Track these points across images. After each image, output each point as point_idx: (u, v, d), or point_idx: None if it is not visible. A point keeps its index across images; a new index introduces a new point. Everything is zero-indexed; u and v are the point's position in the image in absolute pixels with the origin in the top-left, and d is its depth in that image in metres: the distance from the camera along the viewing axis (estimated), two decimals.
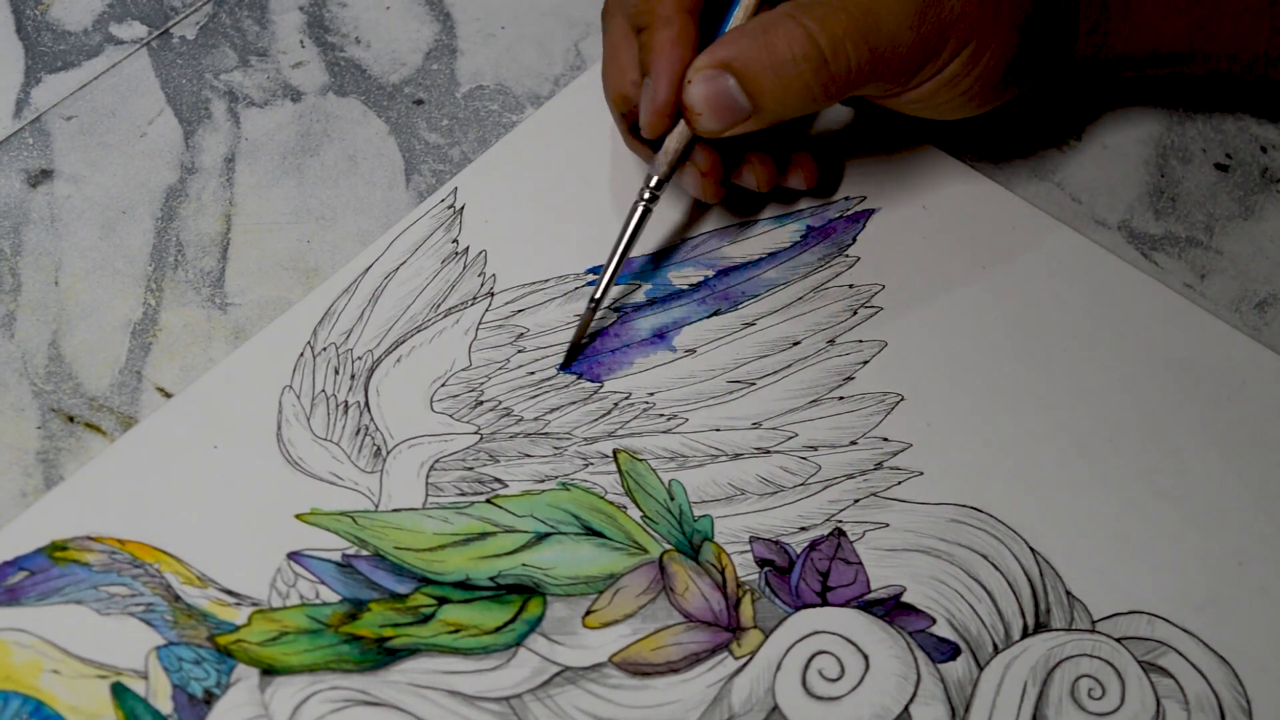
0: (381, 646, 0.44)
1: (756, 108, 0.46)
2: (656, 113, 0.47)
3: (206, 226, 0.53)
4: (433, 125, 0.56)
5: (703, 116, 0.46)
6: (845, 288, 0.52)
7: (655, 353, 0.50)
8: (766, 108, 0.46)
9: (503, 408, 0.49)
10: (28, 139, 0.55)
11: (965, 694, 0.44)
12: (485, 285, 0.52)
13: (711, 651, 0.45)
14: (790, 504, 0.47)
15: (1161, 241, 0.53)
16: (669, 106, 0.47)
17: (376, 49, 0.58)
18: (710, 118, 0.46)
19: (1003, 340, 0.51)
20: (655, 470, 0.48)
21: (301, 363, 0.50)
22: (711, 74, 0.46)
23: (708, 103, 0.46)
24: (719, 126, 0.46)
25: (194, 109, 0.56)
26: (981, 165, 0.55)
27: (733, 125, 0.46)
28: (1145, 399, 0.50)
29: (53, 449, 0.48)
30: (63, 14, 0.58)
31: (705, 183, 0.49)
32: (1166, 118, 0.56)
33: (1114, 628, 0.45)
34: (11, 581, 0.45)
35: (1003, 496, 0.48)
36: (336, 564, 0.46)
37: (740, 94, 0.46)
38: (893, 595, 0.46)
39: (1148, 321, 0.51)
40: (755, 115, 0.46)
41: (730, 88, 0.46)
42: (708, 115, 0.46)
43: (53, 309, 0.51)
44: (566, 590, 0.45)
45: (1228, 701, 0.44)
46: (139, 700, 0.43)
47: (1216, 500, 0.48)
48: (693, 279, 0.52)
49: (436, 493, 0.47)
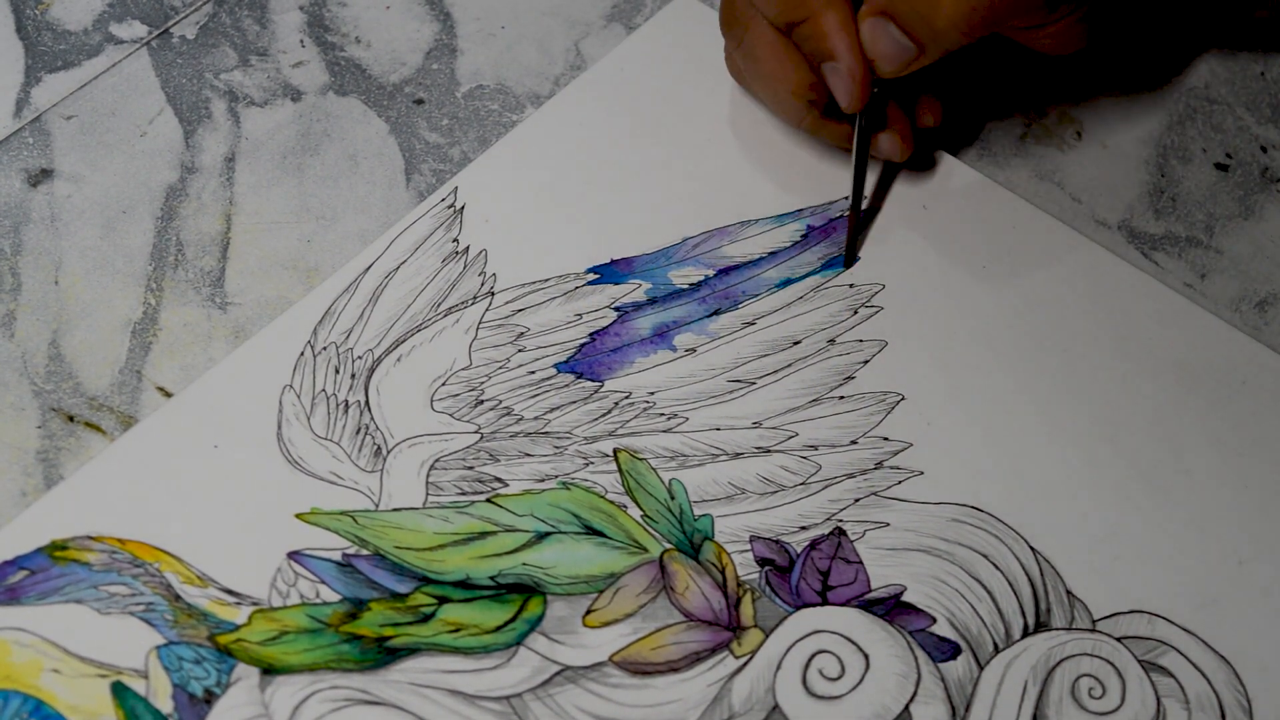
0: (382, 646, 0.44)
1: (920, 46, 0.48)
2: (858, 86, 0.50)
3: (206, 226, 0.53)
4: (433, 125, 0.56)
5: (879, 61, 0.49)
6: (845, 287, 0.52)
7: (655, 352, 0.50)
8: (928, 46, 0.49)
9: (503, 407, 0.49)
10: (28, 138, 0.55)
11: (966, 693, 0.44)
12: (485, 285, 0.52)
13: (712, 651, 0.45)
14: (790, 503, 0.47)
15: (1161, 241, 0.53)
16: (866, 76, 0.50)
17: (376, 49, 0.58)
18: (885, 61, 0.49)
19: (1003, 340, 0.51)
20: (656, 469, 0.48)
21: (302, 362, 0.50)
22: (873, 22, 0.49)
23: (878, 49, 0.49)
24: (895, 68, 0.49)
25: (194, 108, 0.56)
26: (982, 165, 0.55)
27: (905, 65, 0.49)
28: (1145, 399, 0.50)
29: (53, 448, 0.48)
30: (63, 13, 0.58)
31: (903, 145, 0.53)
32: (1166, 118, 0.56)
33: (1114, 627, 0.45)
34: (12, 581, 0.45)
35: (1003, 496, 0.48)
36: (337, 563, 0.46)
37: (902, 36, 0.48)
38: (893, 594, 0.46)
39: (1148, 321, 0.51)
40: (922, 53, 0.49)
41: (892, 32, 0.48)
42: (881, 60, 0.49)
43: (53, 308, 0.51)
44: (567, 589, 0.45)
45: (1228, 701, 0.44)
46: (139, 699, 0.43)
47: (1216, 500, 0.48)
48: (693, 278, 0.52)
49: (437, 492, 0.47)
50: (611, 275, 0.52)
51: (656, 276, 0.52)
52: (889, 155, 0.53)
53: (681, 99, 0.56)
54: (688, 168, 0.55)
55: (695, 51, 0.57)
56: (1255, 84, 0.57)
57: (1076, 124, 0.56)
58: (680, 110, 0.56)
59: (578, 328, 0.51)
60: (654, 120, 0.56)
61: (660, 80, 0.57)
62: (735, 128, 0.56)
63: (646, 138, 0.55)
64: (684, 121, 0.56)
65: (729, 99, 0.56)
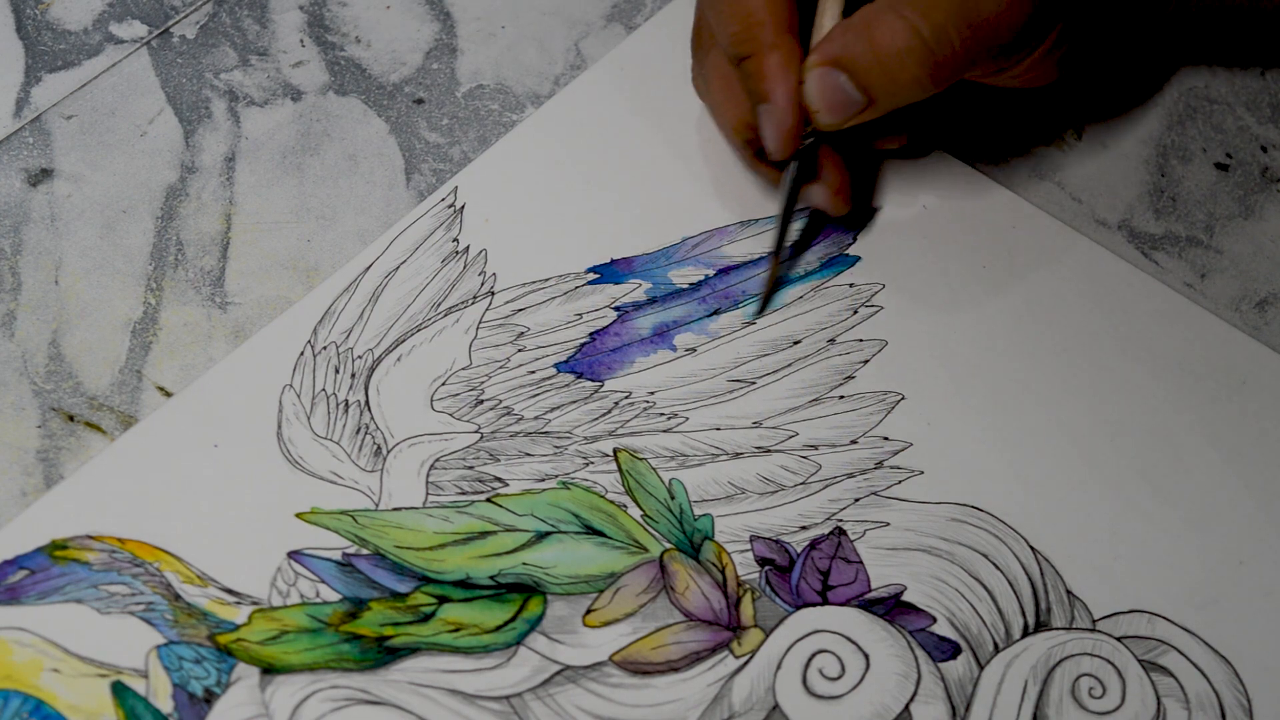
0: (382, 645, 0.44)
1: (870, 100, 0.47)
2: (785, 135, 0.48)
3: (207, 226, 0.53)
4: (433, 125, 0.56)
5: (820, 113, 0.47)
6: (845, 287, 0.52)
7: (655, 352, 0.50)
8: (880, 100, 0.47)
9: (503, 406, 0.49)
10: (28, 138, 0.55)
11: (966, 693, 0.44)
12: (485, 284, 0.52)
13: (712, 650, 0.45)
14: (791, 503, 0.47)
15: (1161, 241, 0.53)
16: (796, 128, 0.48)
17: (377, 48, 0.58)
18: (827, 113, 0.47)
19: (1003, 340, 0.51)
20: (656, 469, 0.48)
21: (302, 362, 0.50)
22: (823, 71, 0.47)
23: (823, 99, 0.47)
24: (837, 120, 0.48)
25: (194, 108, 0.56)
26: (982, 165, 0.55)
27: (850, 118, 0.48)
28: (1145, 399, 0.50)
29: (53, 448, 0.48)
30: (63, 13, 0.58)
31: (835, 200, 0.51)
32: (1166, 118, 0.56)
33: (1114, 627, 0.45)
34: (12, 580, 0.45)
35: (1003, 496, 0.48)
36: (337, 563, 0.46)
37: (853, 88, 0.47)
38: (893, 594, 0.46)
39: (1148, 321, 0.51)
40: (870, 107, 0.47)
41: (843, 83, 0.47)
42: (824, 111, 0.47)
43: (53, 308, 0.51)
44: (567, 589, 0.45)
45: (1228, 700, 0.44)
46: (139, 699, 0.43)
47: (1216, 500, 0.48)
48: (693, 278, 0.52)
49: (437, 491, 0.47)
50: (611, 275, 0.52)
51: (656, 276, 0.52)
52: (822, 208, 0.51)
53: (681, 99, 0.56)
54: (688, 168, 0.55)
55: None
56: (1255, 84, 0.57)
57: (1076, 124, 0.56)
58: (680, 110, 0.56)
59: (578, 327, 0.51)
60: (654, 120, 0.56)
61: (660, 80, 0.57)
62: None
63: (646, 138, 0.55)
64: (684, 121, 0.56)
65: None
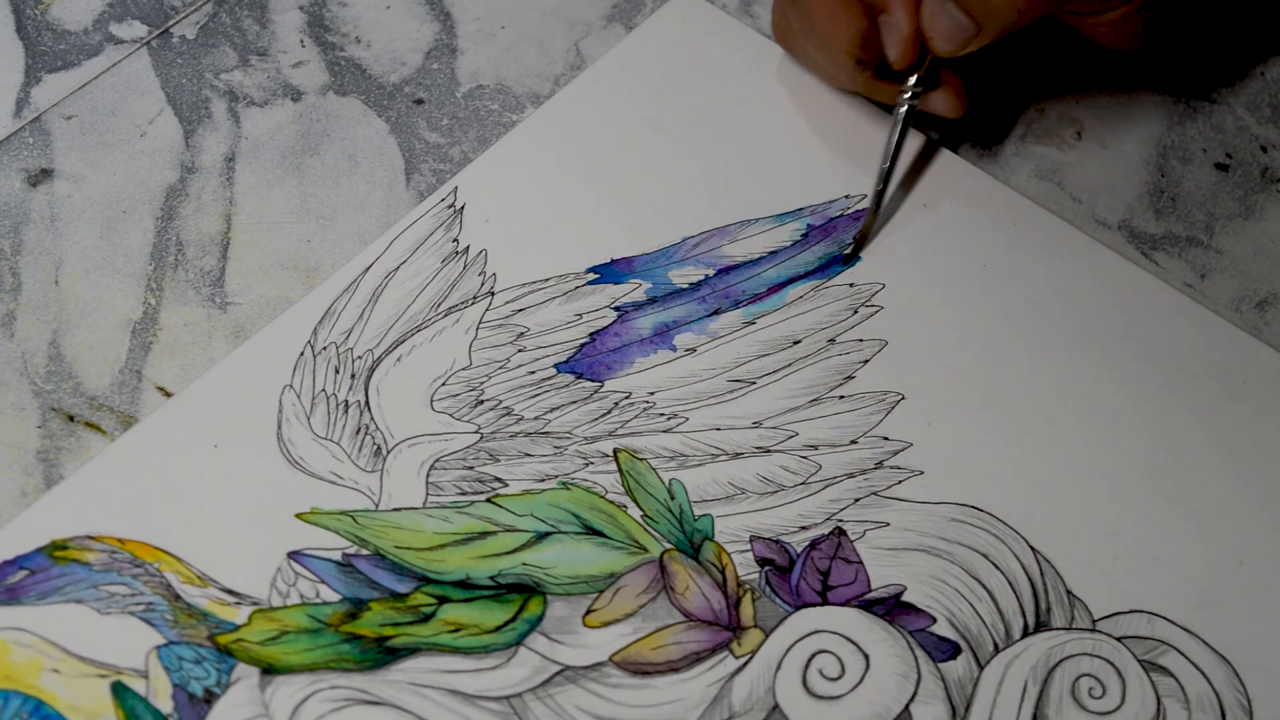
0: (382, 646, 0.44)
1: (978, 25, 0.50)
2: (905, 43, 0.51)
3: (207, 226, 0.53)
4: (433, 125, 0.56)
5: (935, 39, 0.50)
6: (845, 287, 0.52)
7: (655, 352, 0.50)
8: (986, 25, 0.50)
9: (503, 407, 0.49)
10: (28, 138, 0.55)
11: (966, 693, 0.44)
12: (485, 284, 0.52)
13: (712, 651, 0.45)
14: (791, 503, 0.47)
15: (1162, 241, 0.53)
16: (915, 35, 0.51)
17: (376, 48, 0.58)
18: (942, 40, 0.50)
19: (1003, 339, 0.51)
20: (656, 469, 0.48)
21: (302, 362, 0.50)
22: (935, 3, 0.50)
23: (937, 28, 0.50)
24: (951, 47, 0.50)
25: (194, 108, 0.56)
26: (982, 164, 0.55)
27: (963, 45, 0.50)
28: (1146, 398, 0.50)
29: (53, 448, 0.48)
30: (63, 13, 0.58)
31: (956, 101, 0.54)
32: (1166, 118, 0.56)
33: (1114, 627, 0.45)
34: (11, 581, 0.45)
35: (1003, 496, 0.48)
36: (337, 563, 0.46)
37: (961, 15, 0.49)
38: (893, 594, 0.46)
39: (1148, 321, 0.51)
40: (981, 33, 0.50)
41: (952, 11, 0.49)
42: (939, 39, 0.50)
43: (53, 308, 0.51)
44: (567, 589, 0.45)
45: (1228, 700, 0.44)
46: (139, 699, 0.43)
47: (1216, 500, 0.48)
48: (693, 278, 0.52)
49: (437, 492, 0.47)
50: (611, 275, 0.52)
51: (656, 276, 0.52)
52: (943, 112, 0.54)
53: (681, 99, 0.56)
54: (687, 168, 0.55)
55: (695, 51, 0.57)
56: (1255, 84, 0.57)
57: (1077, 124, 0.56)
58: (680, 110, 0.56)
59: (578, 328, 0.51)
60: (654, 120, 0.56)
61: (660, 80, 0.57)
62: (735, 127, 0.56)
63: (646, 138, 0.55)
64: (684, 121, 0.56)
65: (730, 98, 0.56)
